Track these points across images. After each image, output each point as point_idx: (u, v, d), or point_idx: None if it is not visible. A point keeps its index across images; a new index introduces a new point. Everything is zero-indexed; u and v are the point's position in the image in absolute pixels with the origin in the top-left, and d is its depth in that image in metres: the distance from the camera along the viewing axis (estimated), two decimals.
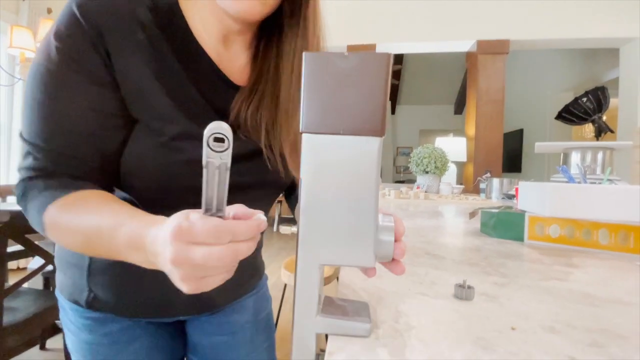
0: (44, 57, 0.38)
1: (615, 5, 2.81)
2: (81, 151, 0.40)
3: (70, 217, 0.36)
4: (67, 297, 0.52)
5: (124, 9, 0.40)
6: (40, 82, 0.38)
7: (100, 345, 0.52)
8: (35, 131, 0.39)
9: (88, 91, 0.39)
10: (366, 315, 0.29)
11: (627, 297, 0.38)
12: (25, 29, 2.28)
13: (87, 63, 0.38)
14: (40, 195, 0.38)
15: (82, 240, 0.35)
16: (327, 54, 0.25)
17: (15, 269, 2.86)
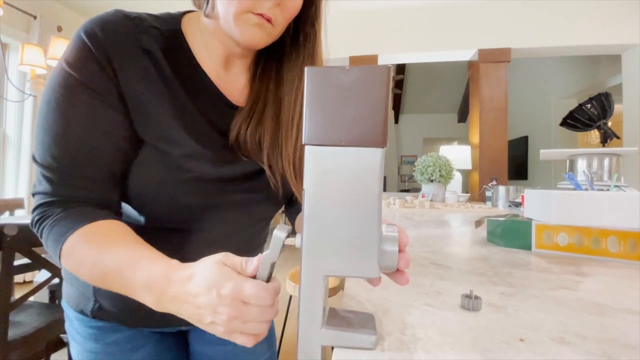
0: (57, 83, 0.40)
1: (615, 12, 2.83)
2: (95, 174, 0.41)
3: (88, 251, 0.37)
4: (74, 307, 0.53)
5: (130, 37, 0.42)
6: (55, 107, 0.39)
7: (105, 354, 0.52)
8: (49, 155, 0.40)
9: (101, 115, 0.41)
10: (372, 327, 0.29)
11: (637, 306, 0.38)
12: (36, 47, 2.34)
13: (99, 87, 0.40)
14: (58, 225, 0.39)
15: (99, 276, 0.37)
16: (329, 68, 0.26)
17: (21, 282, 2.87)
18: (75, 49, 0.40)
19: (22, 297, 1.15)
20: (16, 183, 2.98)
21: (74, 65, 0.40)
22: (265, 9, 0.42)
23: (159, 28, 0.46)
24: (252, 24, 0.43)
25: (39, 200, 0.41)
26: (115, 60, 0.41)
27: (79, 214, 0.39)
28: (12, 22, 2.87)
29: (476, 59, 3.11)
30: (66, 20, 3.34)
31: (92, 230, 0.38)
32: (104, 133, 0.41)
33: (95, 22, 0.41)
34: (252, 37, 0.43)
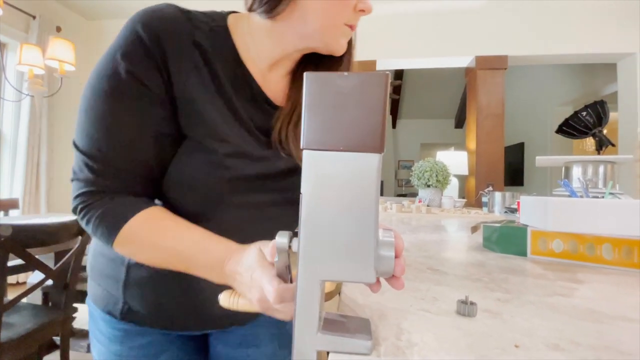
0: (108, 73, 0.40)
1: (611, 22, 2.86)
2: (137, 168, 0.43)
3: (147, 236, 0.40)
4: (101, 308, 0.53)
5: (183, 31, 0.43)
6: (103, 98, 0.40)
7: (128, 357, 0.52)
8: (94, 145, 0.40)
9: (148, 110, 0.42)
10: (368, 332, 0.29)
11: (632, 314, 0.38)
12: (34, 47, 2.34)
13: (150, 82, 0.41)
14: (109, 214, 0.40)
15: (160, 259, 0.41)
16: (328, 74, 0.26)
17: (14, 283, 2.84)
18: (131, 41, 0.40)
19: (15, 299, 1.14)
20: (11, 183, 2.96)
21: (128, 57, 0.40)
22: (355, 20, 0.46)
23: (207, 23, 0.46)
24: (344, 34, 0.46)
25: (81, 189, 0.41)
26: (169, 55, 0.41)
27: (129, 203, 0.41)
28: (11, 22, 2.86)
29: (473, 66, 3.14)
30: (65, 20, 3.34)
31: (144, 219, 0.40)
32: (150, 128, 0.42)
33: (151, 14, 0.41)
34: (341, 46, 0.47)
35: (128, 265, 0.50)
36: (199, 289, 0.50)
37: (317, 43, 0.47)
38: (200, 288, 0.50)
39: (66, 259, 1.30)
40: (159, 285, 0.50)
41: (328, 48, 0.47)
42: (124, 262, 0.50)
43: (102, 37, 3.60)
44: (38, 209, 3.05)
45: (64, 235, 1.25)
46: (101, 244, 0.50)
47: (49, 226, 1.19)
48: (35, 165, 3.03)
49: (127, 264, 0.50)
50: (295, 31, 0.46)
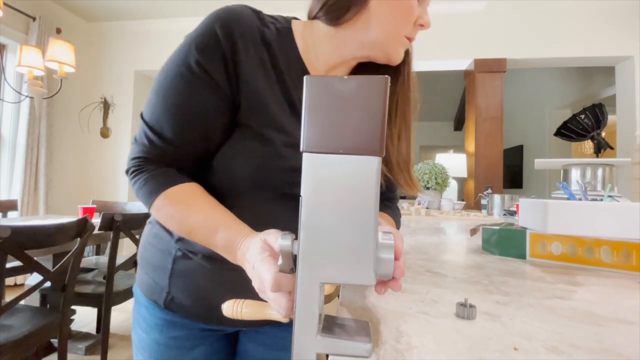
0: (182, 61, 0.45)
1: (609, 25, 2.88)
2: (188, 145, 0.47)
3: (177, 208, 0.44)
4: (147, 296, 0.56)
5: (254, 29, 0.47)
6: (174, 81, 0.45)
7: (166, 346, 0.55)
8: (157, 120, 0.46)
9: (208, 99, 0.45)
10: (367, 335, 0.29)
11: (630, 316, 0.38)
12: (34, 48, 2.34)
13: (216, 77, 0.45)
14: (151, 181, 0.45)
15: (186, 231, 0.44)
16: (327, 77, 0.26)
17: (12, 285, 2.82)
18: (207, 36, 0.44)
19: (13, 301, 1.13)
20: (10, 184, 2.95)
21: (202, 51, 0.44)
22: (414, 34, 0.50)
23: (274, 24, 0.50)
24: (403, 45, 0.50)
25: (137, 154, 0.47)
26: (240, 51, 0.45)
27: (172, 175, 0.46)
28: (11, 23, 2.86)
29: (472, 69, 3.15)
30: (65, 22, 3.34)
31: (181, 190, 0.45)
32: (206, 115, 0.46)
33: (228, 13, 0.45)
34: (400, 56, 0.51)
35: (175, 257, 0.53)
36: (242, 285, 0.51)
37: (377, 52, 0.50)
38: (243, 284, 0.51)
39: (64, 260, 1.29)
40: (202, 279, 0.51)
41: (387, 58, 0.50)
42: (171, 253, 0.53)
43: (102, 39, 3.60)
44: (37, 211, 3.04)
45: (62, 237, 1.25)
46: (152, 235, 0.56)
47: (47, 228, 1.19)
48: (34, 166, 3.03)
49: (174, 255, 0.53)
50: (357, 40, 0.49)
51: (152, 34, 3.53)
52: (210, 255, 0.50)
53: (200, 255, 0.51)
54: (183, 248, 0.52)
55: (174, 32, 3.47)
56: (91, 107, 3.53)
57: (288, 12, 0.57)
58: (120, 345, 1.95)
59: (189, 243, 0.51)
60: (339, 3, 0.48)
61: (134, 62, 3.55)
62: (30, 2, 2.97)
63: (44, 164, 3.06)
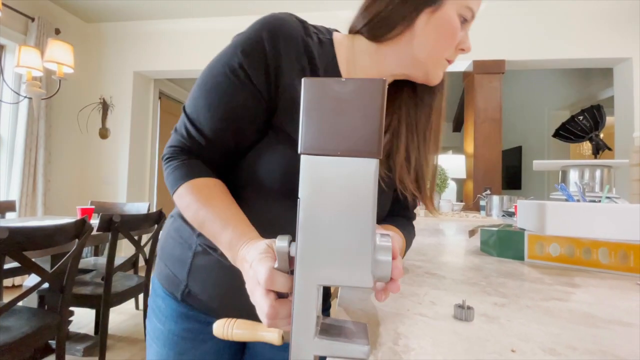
0: (228, 64, 0.47)
1: (608, 27, 2.89)
2: (224, 144, 0.49)
3: (194, 200, 0.45)
4: (165, 287, 0.57)
5: (299, 39, 0.48)
6: (217, 82, 0.47)
7: (180, 337, 0.56)
8: (197, 112, 0.48)
9: (248, 102, 0.47)
10: (365, 337, 0.29)
11: (628, 318, 0.38)
12: (33, 49, 2.33)
13: (256, 81, 0.47)
14: (179, 169, 0.48)
15: (198, 223, 0.45)
16: (325, 79, 0.26)
17: (10, 286, 2.81)
18: (253, 41, 0.46)
19: (11, 302, 1.13)
20: (8, 185, 2.94)
21: (246, 55, 0.46)
22: (454, 57, 0.51)
23: (317, 35, 0.51)
24: (443, 67, 0.51)
25: (175, 142, 0.50)
26: (284, 58, 0.47)
27: (198, 167, 0.48)
28: (10, 24, 2.86)
29: (471, 70, 3.15)
30: (64, 23, 3.34)
31: (204, 183, 0.47)
32: (245, 118, 0.48)
33: (275, 21, 0.47)
34: (439, 78, 0.52)
35: (195, 251, 0.54)
36: None
37: (417, 72, 0.51)
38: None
39: (63, 262, 1.29)
40: (220, 275, 0.52)
41: (426, 78, 0.51)
42: (191, 247, 0.54)
43: (101, 40, 3.60)
44: (35, 212, 3.03)
45: (60, 238, 1.25)
46: (173, 229, 0.58)
47: (45, 229, 1.18)
48: (33, 167, 3.02)
49: (194, 250, 0.54)
50: (398, 57, 0.50)
51: (151, 35, 3.52)
52: None
53: (220, 251, 0.52)
54: (203, 243, 0.53)
55: (173, 33, 3.47)
56: (90, 108, 3.53)
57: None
58: (118, 346, 1.95)
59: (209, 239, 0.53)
60: (385, 21, 0.49)
61: (132, 63, 3.55)
62: (29, 2, 2.97)
63: (42, 164, 3.05)
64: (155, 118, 3.94)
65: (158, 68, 3.53)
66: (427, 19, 0.48)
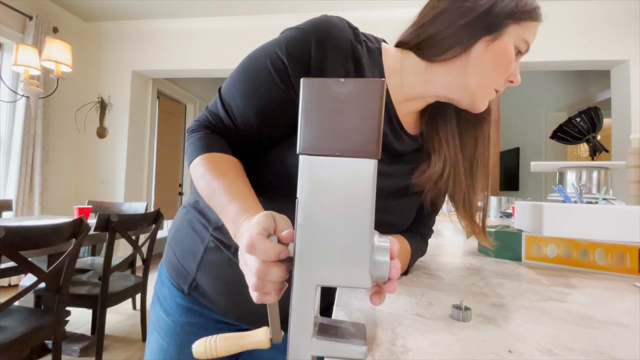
0: (270, 57, 0.46)
1: (605, 30, 2.91)
2: (250, 134, 0.49)
3: (208, 170, 0.45)
4: (173, 277, 0.57)
5: (348, 45, 0.47)
6: (256, 72, 0.47)
7: (182, 330, 0.56)
8: (230, 96, 0.49)
9: (281, 98, 0.47)
10: (362, 338, 0.29)
11: (624, 319, 0.38)
12: (30, 47, 2.32)
13: (294, 80, 0.46)
14: (200, 140, 0.48)
15: (208, 194, 0.45)
16: (324, 80, 0.26)
17: (6, 285, 2.80)
18: (300, 41, 0.46)
19: (7, 302, 1.12)
20: (5, 184, 2.93)
21: (289, 53, 0.46)
22: (502, 87, 0.50)
23: (366, 42, 0.50)
24: (490, 97, 0.50)
25: (201, 118, 0.51)
26: (329, 62, 0.46)
27: (219, 143, 0.49)
28: (7, 22, 2.85)
29: None
30: (62, 21, 3.32)
31: (220, 158, 0.47)
32: (276, 112, 0.48)
33: (326, 24, 0.46)
34: (484, 105, 0.51)
35: (207, 246, 0.53)
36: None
37: (464, 98, 0.50)
38: None
39: (59, 261, 1.28)
40: (229, 273, 0.52)
41: (472, 105, 0.50)
42: (204, 242, 0.54)
43: (99, 39, 3.59)
44: (31, 211, 3.02)
45: (57, 237, 1.24)
46: (187, 220, 0.58)
47: (42, 228, 1.18)
48: (30, 166, 3.00)
49: (206, 245, 0.53)
50: (447, 80, 0.49)
51: (150, 34, 3.52)
52: None
53: (233, 248, 0.52)
54: (217, 239, 0.53)
55: (172, 33, 3.47)
56: (88, 107, 3.52)
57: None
58: (115, 347, 1.94)
59: (224, 234, 0.52)
60: (442, 43, 0.47)
61: (131, 62, 3.54)
62: (27, 1, 2.96)
63: (39, 163, 3.04)
64: (153, 118, 3.93)
65: (156, 67, 3.53)
66: (485, 47, 0.46)
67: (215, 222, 0.53)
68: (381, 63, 0.51)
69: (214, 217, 0.53)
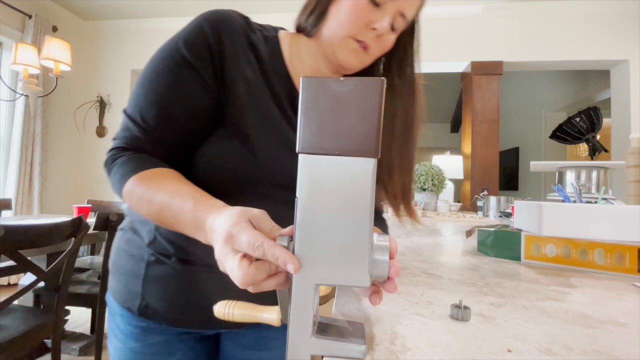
0: (168, 56, 0.45)
1: (605, 29, 2.91)
2: (172, 137, 0.46)
3: (146, 189, 0.41)
4: (121, 303, 0.54)
5: (243, 34, 0.48)
6: (159, 75, 0.45)
7: (143, 354, 0.54)
8: (139, 111, 0.45)
9: (196, 93, 0.46)
10: (361, 337, 0.29)
11: (623, 318, 0.38)
12: (30, 46, 2.32)
13: (202, 72, 0.46)
14: (122, 168, 0.43)
15: (154, 211, 0.40)
16: (324, 79, 0.26)
17: (5, 285, 2.80)
18: (196, 34, 0.46)
19: (6, 301, 1.12)
20: (4, 183, 2.92)
21: (188, 47, 0.45)
22: (367, 38, 0.48)
23: (261, 31, 0.52)
24: (351, 49, 0.48)
25: (115, 144, 0.47)
26: (228, 51, 0.46)
27: (147, 160, 0.44)
28: (7, 21, 2.84)
29: (469, 71, 3.16)
30: (61, 20, 3.32)
31: (154, 172, 0.43)
32: (192, 109, 0.46)
33: (217, 15, 0.47)
34: (348, 59, 0.49)
35: (147, 262, 0.51)
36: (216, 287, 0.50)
37: (332, 57, 0.50)
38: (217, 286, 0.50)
39: (58, 261, 1.28)
40: (176, 283, 0.51)
41: (338, 63, 0.50)
42: (144, 258, 0.52)
43: (98, 38, 3.58)
44: (31, 210, 3.01)
45: (56, 236, 1.24)
46: (124, 241, 0.55)
47: (41, 227, 1.17)
48: (29, 165, 3.00)
49: (146, 260, 0.51)
50: (322, 48, 0.51)
51: (149, 32, 3.51)
52: (184, 259, 0.49)
53: (175, 258, 0.50)
54: (156, 252, 0.51)
55: (171, 31, 3.43)
56: (87, 106, 3.51)
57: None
58: None
59: (161, 246, 0.50)
60: (312, 15, 0.50)
61: (130, 60, 3.53)
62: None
63: (38, 162, 3.04)
64: None
65: None
66: (337, 3, 0.48)
67: (148, 236, 0.51)
68: (280, 50, 0.52)
69: (146, 231, 0.52)
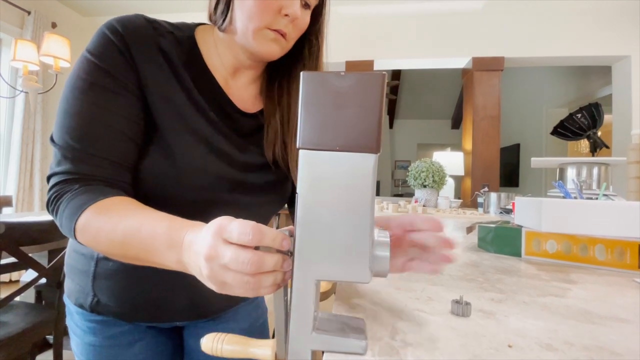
0: (80, 69, 0.43)
1: (606, 25, 2.89)
2: (110, 154, 0.43)
3: (104, 221, 0.37)
4: (74, 302, 0.55)
5: (148, 37, 0.46)
6: (76, 91, 0.43)
7: (102, 347, 0.54)
8: (68, 135, 0.42)
9: (119, 99, 0.44)
10: (362, 332, 0.29)
11: (624, 314, 0.38)
12: (29, 43, 2.31)
13: (119, 73, 0.44)
14: (72, 201, 0.39)
15: (117, 243, 0.36)
16: (324, 74, 0.26)
17: (7, 281, 2.81)
18: (98, 41, 0.44)
19: (8, 297, 1.13)
20: (5, 180, 2.92)
21: (96, 54, 0.43)
22: (282, 25, 0.47)
23: (173, 33, 0.50)
24: (269, 39, 0.47)
25: (56, 180, 0.42)
26: (136, 57, 0.45)
27: (93, 191, 0.40)
28: (6, 17, 2.83)
29: (470, 67, 3.15)
30: (61, 16, 3.30)
31: (106, 204, 0.38)
32: (121, 116, 0.44)
33: (117, 19, 0.45)
34: (268, 50, 0.48)
35: (97, 259, 0.52)
36: (164, 281, 0.52)
37: (249, 49, 0.49)
38: (165, 280, 0.52)
39: (60, 257, 1.28)
40: (126, 278, 0.51)
41: (259, 52, 0.49)
42: (93, 256, 0.52)
43: None
44: (32, 207, 3.02)
45: (57, 233, 1.24)
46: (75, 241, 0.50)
47: (42, 224, 1.18)
48: (29, 162, 3.00)
49: (96, 258, 0.52)
50: (237, 40, 0.49)
51: None
52: None
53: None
54: None
55: None
56: None
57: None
58: None
59: None
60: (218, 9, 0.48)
61: None
62: None
63: (39, 159, 3.04)
64: None
65: None
66: None
67: None
68: (197, 50, 0.51)
69: None
